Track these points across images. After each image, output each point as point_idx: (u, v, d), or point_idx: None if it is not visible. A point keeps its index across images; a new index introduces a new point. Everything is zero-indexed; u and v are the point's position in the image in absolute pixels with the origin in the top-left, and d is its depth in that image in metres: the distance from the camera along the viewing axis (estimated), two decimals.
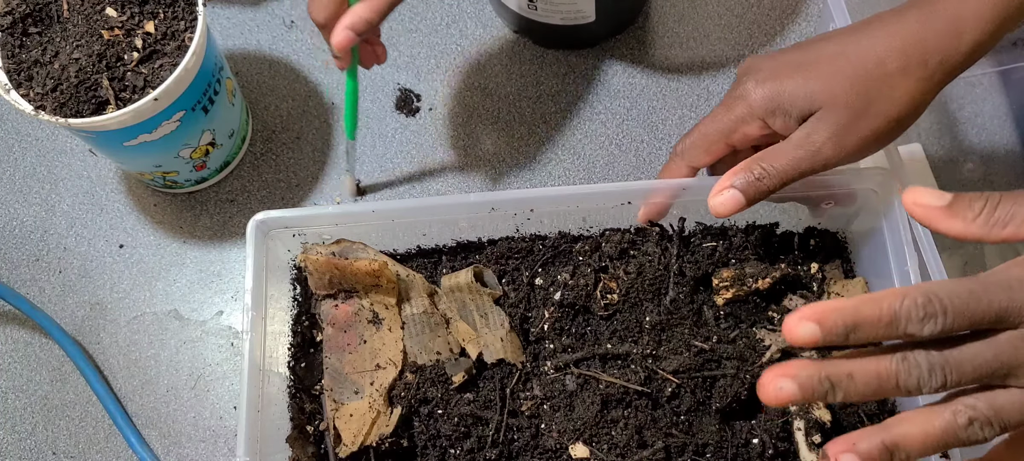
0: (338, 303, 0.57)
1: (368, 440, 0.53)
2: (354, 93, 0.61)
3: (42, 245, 0.69)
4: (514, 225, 0.59)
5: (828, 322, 0.37)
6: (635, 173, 0.69)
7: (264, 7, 0.76)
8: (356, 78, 0.61)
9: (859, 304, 0.37)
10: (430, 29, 0.74)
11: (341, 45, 0.54)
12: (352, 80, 0.60)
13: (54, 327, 0.64)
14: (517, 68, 0.73)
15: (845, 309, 0.37)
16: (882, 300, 0.36)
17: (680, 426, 0.53)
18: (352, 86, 0.61)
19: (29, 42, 0.59)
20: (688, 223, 0.59)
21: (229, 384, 0.64)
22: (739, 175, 0.49)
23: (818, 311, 0.37)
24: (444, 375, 0.55)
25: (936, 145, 0.68)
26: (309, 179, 0.70)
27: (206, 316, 0.66)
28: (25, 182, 0.71)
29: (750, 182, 0.49)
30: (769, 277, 0.56)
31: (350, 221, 0.57)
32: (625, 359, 0.55)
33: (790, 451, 0.53)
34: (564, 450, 0.53)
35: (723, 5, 0.74)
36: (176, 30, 0.59)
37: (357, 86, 0.61)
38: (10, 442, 0.63)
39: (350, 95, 0.61)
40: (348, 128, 0.63)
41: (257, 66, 0.74)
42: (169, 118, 0.59)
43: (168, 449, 0.62)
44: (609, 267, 0.58)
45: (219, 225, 0.69)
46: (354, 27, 0.54)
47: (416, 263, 0.61)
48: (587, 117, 0.71)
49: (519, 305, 0.58)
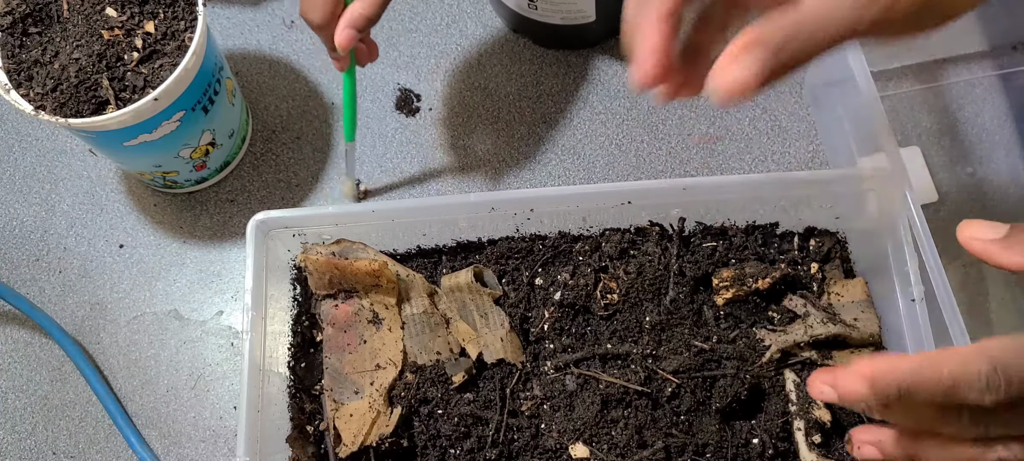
0: (338, 303, 0.57)
1: (368, 440, 0.53)
2: (352, 94, 0.61)
3: (42, 245, 0.69)
4: (514, 225, 0.60)
5: (881, 384, 0.35)
6: (635, 173, 0.69)
7: (264, 7, 0.76)
8: (354, 78, 0.60)
9: (917, 367, 0.34)
10: (430, 29, 0.75)
11: (344, 44, 0.54)
12: (350, 80, 0.60)
13: (54, 327, 0.64)
14: (517, 68, 0.73)
15: (901, 371, 0.35)
16: (941, 364, 0.34)
17: (680, 426, 0.53)
18: (350, 86, 0.60)
19: (29, 42, 0.58)
20: (688, 223, 0.59)
21: (229, 384, 0.64)
22: (752, 38, 0.34)
23: (872, 372, 0.35)
24: (444, 375, 0.55)
25: (936, 147, 0.68)
26: (309, 179, 0.70)
27: (206, 316, 0.66)
28: (25, 182, 0.71)
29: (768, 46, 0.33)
30: (769, 277, 0.56)
31: (350, 221, 0.57)
32: (625, 359, 0.55)
33: (790, 451, 0.53)
34: (564, 450, 0.53)
35: None
36: (176, 30, 0.59)
37: (355, 87, 0.61)
38: (10, 442, 0.63)
39: (349, 96, 0.61)
40: (347, 130, 0.63)
41: (257, 66, 0.74)
42: (169, 118, 0.59)
43: (168, 449, 0.62)
44: (609, 267, 0.58)
45: (219, 225, 0.69)
46: (355, 25, 0.54)
47: (416, 263, 0.61)
48: (587, 117, 0.71)
49: (519, 305, 0.58)
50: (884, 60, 0.70)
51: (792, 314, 0.56)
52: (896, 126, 0.68)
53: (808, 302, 0.56)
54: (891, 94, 0.69)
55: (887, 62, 0.70)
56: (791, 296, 0.57)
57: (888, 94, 0.69)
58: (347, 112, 0.62)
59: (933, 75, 0.70)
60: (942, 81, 0.70)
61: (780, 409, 0.53)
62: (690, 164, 0.68)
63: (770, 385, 0.54)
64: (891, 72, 0.70)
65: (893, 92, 0.69)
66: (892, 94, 0.69)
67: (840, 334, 0.54)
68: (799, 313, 0.56)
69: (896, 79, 0.70)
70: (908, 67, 0.70)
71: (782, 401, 0.54)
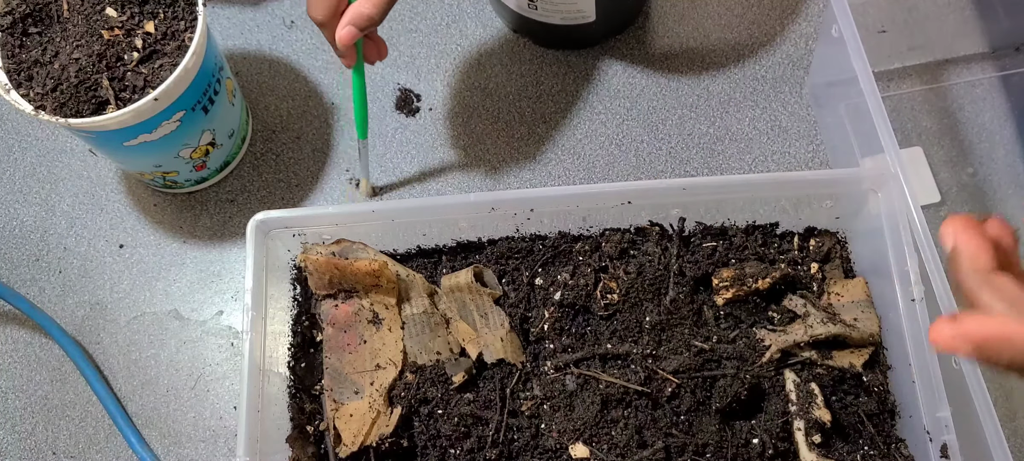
0: (338, 303, 0.57)
1: (368, 440, 0.53)
2: (362, 90, 0.60)
3: (42, 245, 0.69)
4: (514, 225, 0.59)
5: (989, 349, 0.35)
6: (635, 173, 0.69)
7: (264, 7, 0.76)
8: (363, 75, 0.60)
9: None
10: (430, 29, 0.74)
11: (344, 41, 0.54)
12: (359, 77, 0.60)
13: (54, 327, 0.64)
14: (517, 68, 0.73)
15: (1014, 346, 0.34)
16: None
17: (680, 426, 0.53)
18: (359, 83, 0.60)
19: (29, 42, 0.58)
20: (688, 223, 0.59)
21: (229, 384, 0.64)
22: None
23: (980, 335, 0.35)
24: (444, 375, 0.55)
25: (937, 148, 0.68)
26: (309, 179, 0.70)
27: (206, 316, 0.66)
28: (25, 182, 0.71)
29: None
30: (769, 277, 0.56)
31: (350, 221, 0.57)
32: (625, 359, 0.55)
33: (790, 451, 0.53)
34: (564, 450, 0.53)
35: (723, 5, 0.74)
36: (176, 30, 0.59)
37: (364, 83, 0.60)
38: (10, 442, 0.63)
39: (358, 93, 0.60)
40: (359, 127, 0.62)
41: (257, 66, 0.74)
42: (169, 118, 0.59)
43: (168, 449, 0.62)
44: (609, 267, 0.58)
45: (219, 225, 0.69)
46: (356, 23, 0.54)
47: (416, 263, 0.61)
48: (587, 117, 0.71)
49: (519, 305, 0.58)
50: (886, 61, 0.70)
51: (792, 314, 0.56)
52: (898, 126, 0.68)
53: (808, 302, 0.56)
54: (893, 94, 0.69)
55: (889, 62, 0.70)
56: (791, 296, 0.57)
57: (890, 94, 0.69)
58: (358, 109, 0.61)
59: (935, 76, 0.70)
60: (944, 82, 0.70)
61: (780, 409, 0.53)
62: (690, 164, 0.68)
63: (770, 385, 0.54)
64: (893, 72, 0.70)
65: (895, 92, 0.69)
66: (894, 94, 0.69)
67: (840, 334, 0.54)
68: (799, 313, 0.56)
69: (898, 79, 0.70)
70: (910, 68, 0.70)
71: (782, 401, 0.54)
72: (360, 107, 0.61)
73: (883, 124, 0.54)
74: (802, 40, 0.72)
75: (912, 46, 0.70)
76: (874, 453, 0.54)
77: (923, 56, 0.70)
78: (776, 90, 0.70)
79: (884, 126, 0.54)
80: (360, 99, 0.61)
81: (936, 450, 0.51)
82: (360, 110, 0.62)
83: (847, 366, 0.55)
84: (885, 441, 0.54)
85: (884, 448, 0.54)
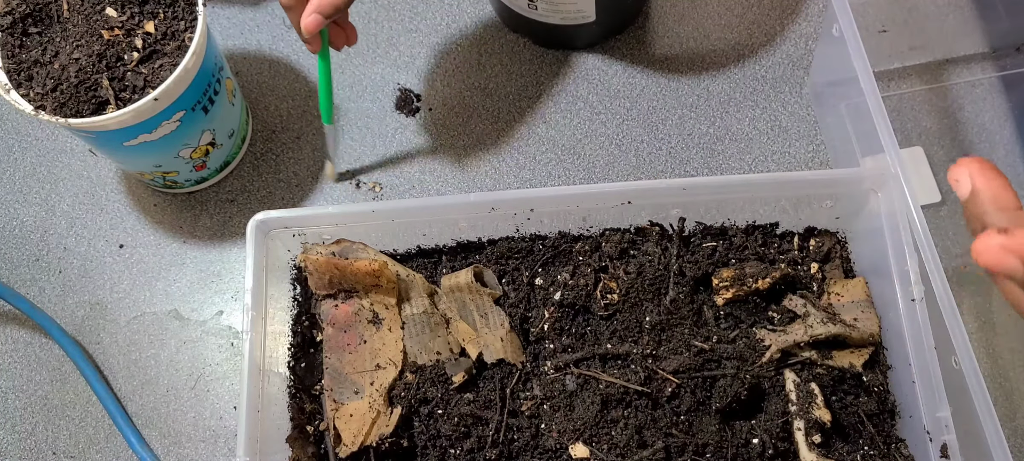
0: (338, 303, 0.57)
1: (368, 440, 0.53)
2: (327, 75, 0.61)
3: (42, 245, 0.69)
4: (514, 225, 0.59)
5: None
6: (635, 173, 0.69)
7: (264, 7, 0.76)
8: (328, 60, 0.61)
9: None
10: (430, 29, 0.74)
11: (309, 29, 0.55)
12: (324, 62, 0.61)
13: (54, 327, 0.64)
14: (517, 68, 0.73)
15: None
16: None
17: (680, 426, 0.53)
18: (324, 68, 0.61)
19: (29, 42, 0.59)
20: (688, 223, 0.59)
21: (229, 384, 0.64)
22: None
23: None
24: (444, 375, 0.55)
25: (937, 147, 0.68)
26: (309, 179, 0.70)
27: (206, 316, 0.66)
28: (25, 182, 0.71)
29: None
30: (769, 277, 0.56)
31: (350, 221, 0.57)
32: (625, 359, 0.55)
33: (790, 451, 0.53)
34: (564, 450, 0.53)
35: (723, 5, 0.74)
36: (176, 30, 0.59)
37: (329, 68, 0.61)
38: (10, 442, 0.63)
39: (323, 78, 0.61)
40: (325, 113, 0.63)
41: (257, 66, 0.74)
42: (169, 118, 0.59)
43: (168, 449, 0.62)
44: (609, 267, 0.58)
45: (219, 225, 0.69)
46: (321, 10, 0.54)
47: (416, 263, 0.61)
48: (587, 117, 0.71)
49: (519, 305, 0.58)
50: (887, 60, 0.70)
51: (792, 314, 0.56)
52: (898, 126, 0.68)
53: (808, 302, 0.56)
54: (893, 94, 0.69)
55: (889, 62, 0.70)
56: (791, 296, 0.57)
57: (890, 94, 0.69)
58: (323, 95, 0.62)
59: (936, 76, 0.70)
60: (944, 82, 0.70)
61: (780, 409, 0.53)
62: (690, 164, 0.68)
63: (770, 385, 0.54)
64: (893, 72, 0.70)
65: (896, 92, 0.69)
66: (895, 94, 0.69)
67: (840, 334, 0.54)
68: (799, 313, 0.56)
69: (899, 79, 0.70)
70: (911, 67, 0.70)
71: (782, 401, 0.54)
72: (325, 93, 0.62)
73: (883, 124, 0.54)
74: (802, 40, 0.72)
75: (912, 46, 0.70)
76: (874, 453, 0.54)
77: (923, 56, 0.70)
78: (776, 90, 0.70)
79: (884, 126, 0.54)
80: (325, 85, 0.62)
81: (936, 450, 0.50)
82: (325, 96, 0.62)
83: (847, 366, 0.55)
84: (885, 441, 0.54)
85: (884, 448, 0.54)
